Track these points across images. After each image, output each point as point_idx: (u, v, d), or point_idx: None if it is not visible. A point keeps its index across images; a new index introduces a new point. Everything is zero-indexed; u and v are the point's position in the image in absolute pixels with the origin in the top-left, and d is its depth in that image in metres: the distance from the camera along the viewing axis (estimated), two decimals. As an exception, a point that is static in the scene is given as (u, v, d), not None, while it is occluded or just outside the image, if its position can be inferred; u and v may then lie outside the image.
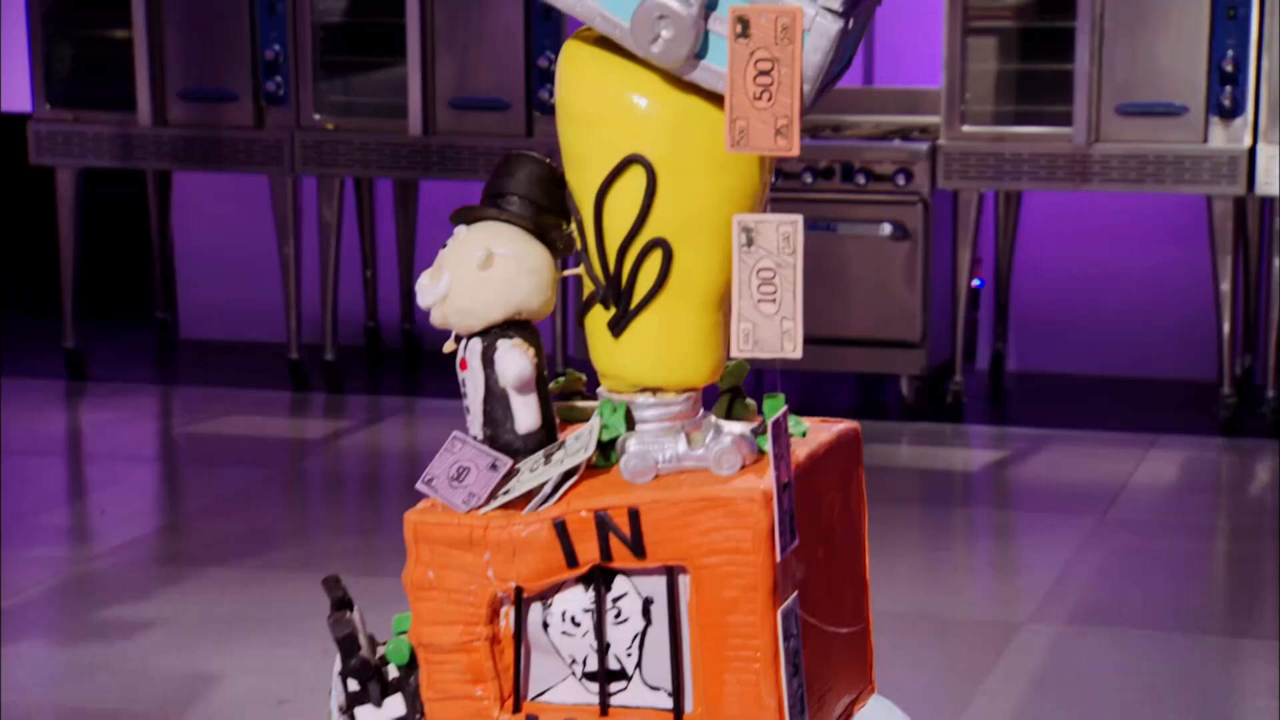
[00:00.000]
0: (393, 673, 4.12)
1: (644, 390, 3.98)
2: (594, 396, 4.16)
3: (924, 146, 9.60)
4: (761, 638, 3.83)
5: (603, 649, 3.94)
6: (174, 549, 8.25)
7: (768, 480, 3.82)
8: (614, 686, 3.96)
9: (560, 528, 3.89)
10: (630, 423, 3.98)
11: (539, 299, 3.99)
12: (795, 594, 3.91)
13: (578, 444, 3.96)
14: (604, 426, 3.96)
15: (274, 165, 10.01)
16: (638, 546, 3.86)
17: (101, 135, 10.18)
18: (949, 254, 9.77)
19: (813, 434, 4.10)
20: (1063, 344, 10.46)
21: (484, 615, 3.97)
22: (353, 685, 4.10)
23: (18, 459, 9.19)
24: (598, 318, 3.99)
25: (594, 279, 3.96)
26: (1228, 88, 9.01)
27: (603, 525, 3.87)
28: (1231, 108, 9.03)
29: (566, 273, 4.07)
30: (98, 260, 10.98)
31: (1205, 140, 9.09)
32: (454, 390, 9.80)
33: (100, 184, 10.79)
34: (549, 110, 9.58)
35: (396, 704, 4.06)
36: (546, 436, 4.03)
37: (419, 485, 4.02)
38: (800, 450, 3.98)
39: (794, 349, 3.84)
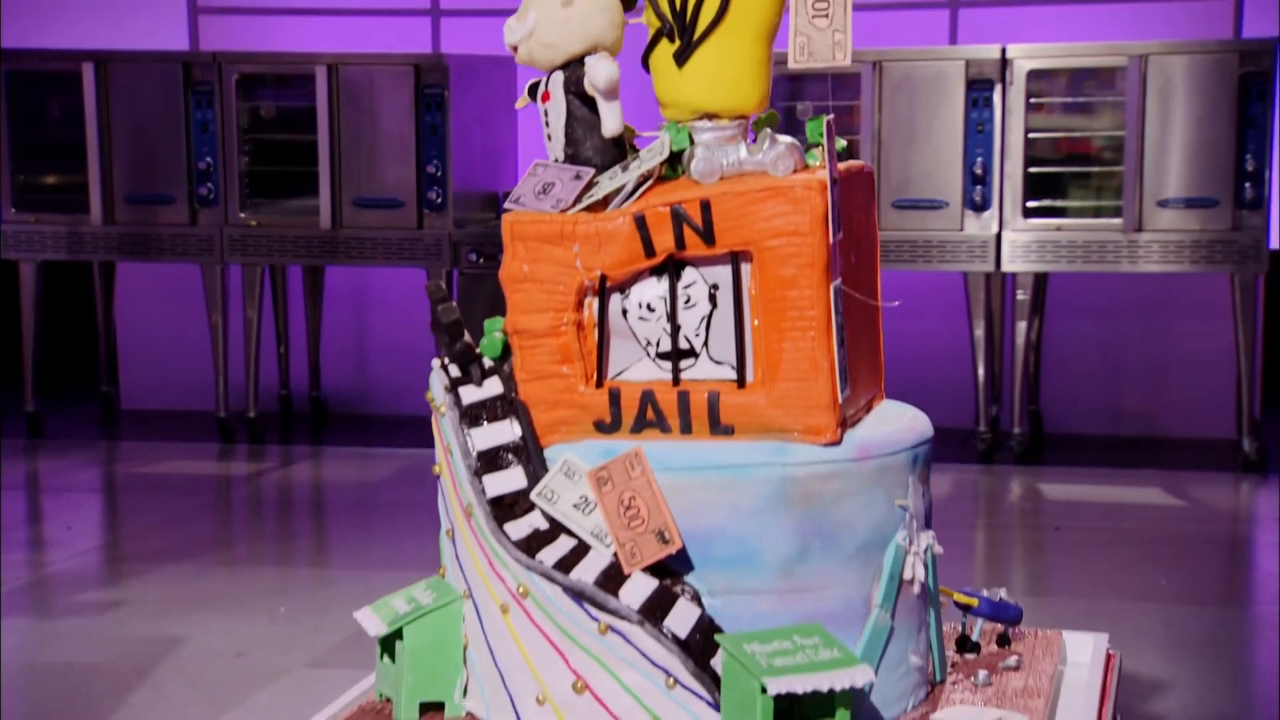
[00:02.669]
0: (487, 364, 3.77)
1: (702, 116, 3.70)
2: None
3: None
4: (816, 309, 3.55)
5: (674, 331, 3.65)
6: (132, 551, 7.85)
7: (820, 175, 3.57)
8: (684, 363, 3.67)
9: (640, 221, 3.60)
10: (691, 142, 3.71)
11: (612, 34, 3.74)
12: (840, 278, 3.63)
13: (650, 153, 3.69)
14: (671, 141, 3.69)
15: (205, 256, 9.70)
16: (708, 234, 3.58)
17: (59, 233, 9.85)
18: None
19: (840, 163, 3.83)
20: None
21: (572, 303, 3.65)
22: (454, 371, 3.72)
23: None
24: (663, 52, 3.72)
25: (661, 16, 3.69)
26: (978, 187, 9.00)
27: (677, 217, 3.59)
28: (981, 203, 9.01)
29: (631, 20, 3.79)
30: (52, 341, 10.55)
31: (962, 228, 9.04)
32: (354, 439, 9.44)
33: (54, 277, 10.38)
34: (436, 208, 9.39)
35: (494, 384, 3.71)
36: (620, 154, 3.73)
37: (506, 204, 3.69)
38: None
39: (844, 57, 3.61)
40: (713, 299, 3.63)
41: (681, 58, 3.68)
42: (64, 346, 11.17)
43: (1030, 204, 9.04)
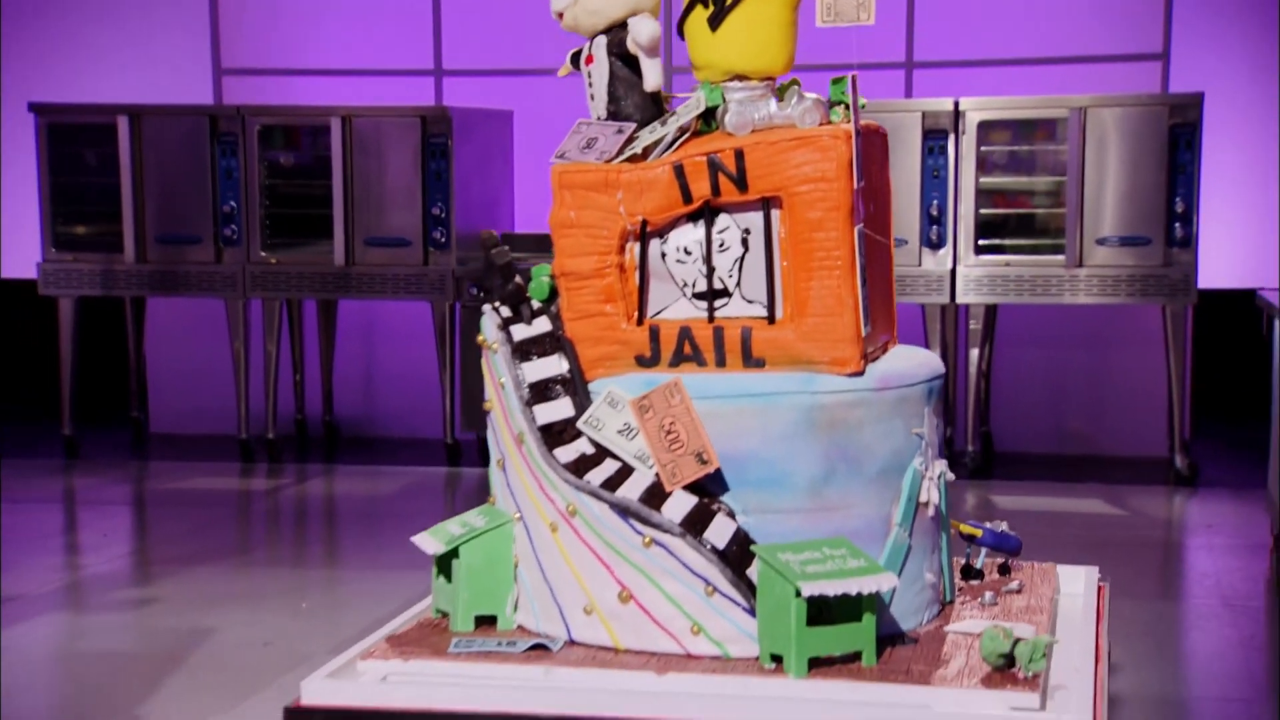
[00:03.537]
0: (536, 305, 3.71)
1: (733, 77, 3.66)
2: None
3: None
4: (842, 249, 3.51)
5: (709, 272, 3.60)
6: (162, 555, 7.73)
7: (845, 127, 3.54)
8: (718, 303, 3.62)
9: (679, 170, 3.57)
10: (724, 100, 3.67)
11: (650, 0, 3.70)
12: (863, 223, 3.59)
13: (687, 108, 3.65)
14: (706, 98, 3.66)
15: (229, 291, 9.62)
16: (741, 181, 3.54)
17: (95, 271, 9.76)
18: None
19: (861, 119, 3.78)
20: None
21: (615, 246, 3.61)
22: (506, 311, 3.66)
23: (35, 506, 8.70)
24: (697, 18, 3.69)
25: (696, -18, 3.65)
26: (934, 227, 8.99)
27: (713, 166, 3.55)
28: (937, 241, 9.00)
29: (659, -16, 3.76)
30: (87, 370, 10.44)
31: (919, 264, 9.02)
32: (363, 459, 9.36)
33: (90, 311, 10.30)
34: (440, 247, 9.35)
35: (543, 322, 3.66)
36: (658, 110, 3.70)
37: (551, 159, 3.64)
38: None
39: (868, 17, 3.59)
40: (745, 243, 3.59)
41: (715, 23, 3.65)
42: (98, 375, 11.06)
43: (981, 242, 9.04)
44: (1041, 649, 3.31)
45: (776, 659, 3.35)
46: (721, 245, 3.58)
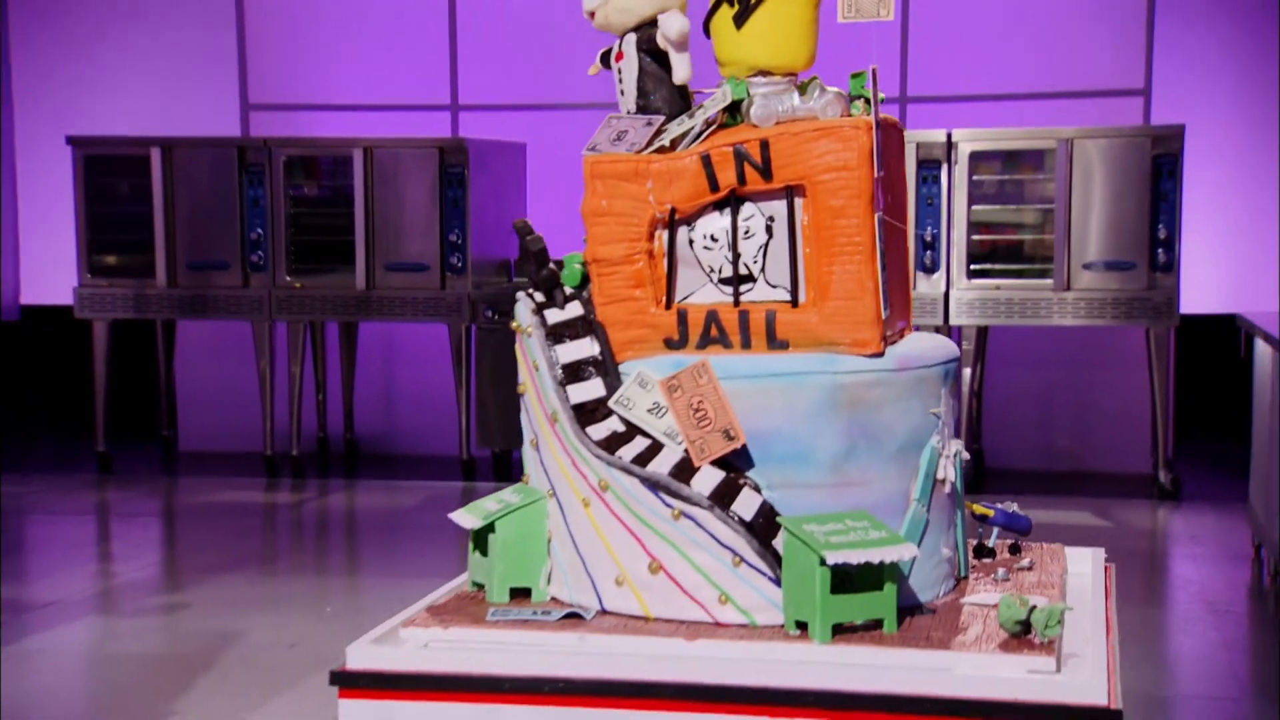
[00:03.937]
0: (568, 291, 3.69)
1: (758, 73, 3.65)
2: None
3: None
4: (863, 235, 3.49)
5: (735, 258, 3.57)
6: (193, 564, 7.72)
7: (866, 118, 3.53)
8: (744, 288, 3.59)
9: (706, 160, 3.55)
10: (748, 94, 3.65)
11: (677, -1, 3.69)
12: (882, 211, 3.57)
13: (714, 101, 3.63)
14: (731, 91, 3.64)
15: (255, 314, 9.61)
16: (766, 170, 3.52)
17: (127, 295, 9.75)
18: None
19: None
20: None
21: (645, 234, 3.58)
22: (539, 297, 3.64)
23: (70, 518, 8.72)
24: (723, 16, 3.67)
25: (722, -18, 3.64)
26: (928, 252, 8.99)
27: (739, 156, 3.53)
28: (931, 265, 9.00)
29: (692, -9, 3.74)
30: (120, 390, 10.44)
31: (914, 287, 9.03)
32: (383, 474, 9.35)
33: (123, 334, 10.29)
34: (457, 271, 9.35)
35: (576, 307, 3.63)
36: (685, 104, 3.68)
37: (583, 151, 3.63)
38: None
39: (888, 13, 3.58)
40: (769, 230, 3.57)
41: (740, 20, 3.63)
42: (130, 395, 11.07)
43: (973, 267, 9.04)
44: (1057, 615, 3.29)
45: (801, 626, 3.33)
46: (747, 232, 3.56)
